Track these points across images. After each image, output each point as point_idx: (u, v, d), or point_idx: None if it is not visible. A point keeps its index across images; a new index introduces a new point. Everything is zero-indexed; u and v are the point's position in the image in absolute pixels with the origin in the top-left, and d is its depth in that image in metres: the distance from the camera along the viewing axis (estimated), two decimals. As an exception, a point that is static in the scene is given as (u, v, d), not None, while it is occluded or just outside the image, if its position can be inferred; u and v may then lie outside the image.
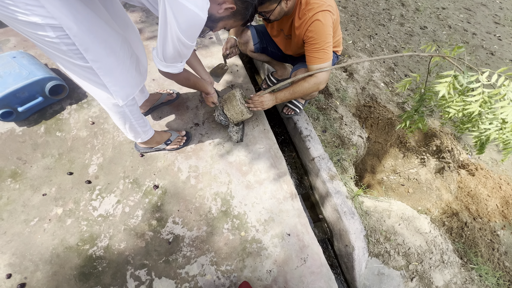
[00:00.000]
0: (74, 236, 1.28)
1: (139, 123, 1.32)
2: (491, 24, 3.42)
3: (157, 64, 1.05)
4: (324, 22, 1.22)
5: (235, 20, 1.04)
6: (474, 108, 0.98)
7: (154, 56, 1.03)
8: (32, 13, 0.73)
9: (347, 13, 3.12)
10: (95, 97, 1.13)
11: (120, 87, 1.08)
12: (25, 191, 1.38)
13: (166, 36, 0.88)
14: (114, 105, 1.14)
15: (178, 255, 1.27)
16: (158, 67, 1.06)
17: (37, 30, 0.78)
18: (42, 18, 0.75)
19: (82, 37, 0.85)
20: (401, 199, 1.81)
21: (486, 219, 1.63)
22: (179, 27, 0.83)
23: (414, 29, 3.08)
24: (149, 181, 1.47)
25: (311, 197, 1.72)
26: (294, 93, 1.42)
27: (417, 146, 1.94)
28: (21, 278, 1.16)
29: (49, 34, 0.79)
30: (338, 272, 1.49)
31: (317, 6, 1.22)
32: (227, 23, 1.04)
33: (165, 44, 0.91)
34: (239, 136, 1.63)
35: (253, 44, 1.69)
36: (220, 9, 0.94)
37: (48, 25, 0.77)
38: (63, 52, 0.86)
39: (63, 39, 0.82)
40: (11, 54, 1.61)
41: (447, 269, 1.38)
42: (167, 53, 0.96)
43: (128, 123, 1.27)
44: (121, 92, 1.10)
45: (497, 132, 0.98)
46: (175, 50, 0.93)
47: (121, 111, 1.19)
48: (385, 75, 2.37)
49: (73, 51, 0.86)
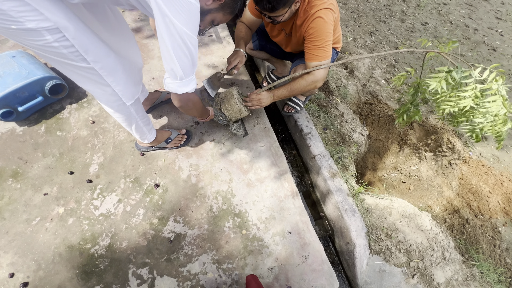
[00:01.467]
0: (75, 235, 1.28)
1: (144, 121, 1.32)
2: (493, 19, 3.39)
3: (177, 89, 0.98)
4: (325, 20, 1.22)
5: (224, 14, 0.99)
6: (467, 102, 1.00)
7: (169, 84, 0.98)
8: (25, 19, 0.71)
9: (348, 9, 3.09)
10: (101, 101, 1.12)
11: (125, 86, 1.07)
12: (27, 190, 1.38)
13: (174, 42, 0.83)
14: (120, 105, 1.13)
15: (179, 253, 1.28)
16: (180, 91, 0.99)
17: (34, 37, 0.76)
18: (36, 22, 0.73)
19: (80, 38, 0.83)
20: (402, 196, 1.80)
21: (487, 215, 1.63)
22: (180, 22, 0.79)
23: (415, 25, 3.06)
24: (150, 180, 1.47)
25: (312, 195, 1.72)
26: (292, 91, 1.42)
27: (418, 143, 1.93)
28: (24, 277, 1.17)
29: (47, 38, 0.77)
30: (339, 270, 1.50)
31: (319, 3, 1.22)
32: (216, 17, 0.99)
33: (177, 53, 0.86)
34: (243, 130, 1.62)
35: (252, 42, 1.68)
36: (208, 1, 0.90)
37: (44, 29, 0.75)
38: (64, 56, 0.85)
39: (62, 42, 0.80)
40: (10, 54, 1.60)
41: (448, 266, 1.38)
42: (183, 62, 0.89)
43: (134, 124, 1.27)
44: (126, 91, 1.09)
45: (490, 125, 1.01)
46: (187, 53, 0.88)
47: (127, 112, 1.18)
48: (386, 72, 2.35)
49: (74, 53, 0.85)
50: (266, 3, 1.13)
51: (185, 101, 1.10)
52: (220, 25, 2.34)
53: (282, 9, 1.17)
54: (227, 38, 2.23)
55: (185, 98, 1.08)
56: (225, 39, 2.22)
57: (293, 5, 1.20)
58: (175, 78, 0.95)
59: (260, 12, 1.22)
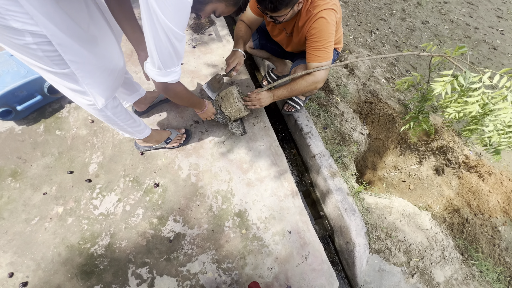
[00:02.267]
0: (75, 235, 1.28)
1: (128, 124, 1.26)
2: (493, 18, 3.38)
3: (154, 76, 0.97)
4: (328, 20, 1.22)
5: (227, 5, 0.94)
6: (473, 108, 0.97)
7: (148, 69, 0.96)
8: (12, 18, 0.68)
9: (348, 8, 3.08)
10: (76, 102, 1.07)
11: (101, 89, 1.01)
12: (26, 190, 1.38)
13: (156, 34, 0.80)
14: (94, 109, 1.08)
15: (179, 253, 1.27)
16: (157, 79, 0.97)
17: (15, 35, 0.72)
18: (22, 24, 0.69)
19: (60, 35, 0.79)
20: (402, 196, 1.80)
21: (487, 215, 1.63)
22: (165, 15, 0.75)
23: (415, 24, 3.05)
24: (149, 179, 1.46)
25: (312, 194, 1.72)
26: (292, 91, 1.41)
27: (418, 142, 1.93)
28: (23, 276, 1.17)
29: (27, 39, 0.73)
30: (339, 269, 1.50)
31: (322, 4, 1.21)
32: (217, 7, 0.94)
33: (158, 44, 0.84)
34: (241, 129, 1.62)
35: (252, 41, 1.67)
36: None
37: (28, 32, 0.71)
38: (39, 59, 0.81)
39: (41, 46, 0.76)
40: (8, 52, 1.59)
41: (448, 265, 1.38)
42: (163, 55, 0.87)
43: (115, 126, 1.23)
44: (100, 95, 1.02)
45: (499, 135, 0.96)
46: (169, 47, 0.86)
47: (104, 115, 1.13)
48: (386, 71, 2.35)
49: (50, 57, 0.81)
50: (268, 2, 1.12)
51: (164, 89, 1.07)
52: (220, 23, 2.32)
53: (284, 9, 1.15)
54: (226, 36, 2.22)
55: (164, 86, 1.04)
56: (224, 38, 2.21)
57: (295, 6, 1.19)
58: (153, 65, 0.93)
59: (262, 11, 1.21)
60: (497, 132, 0.96)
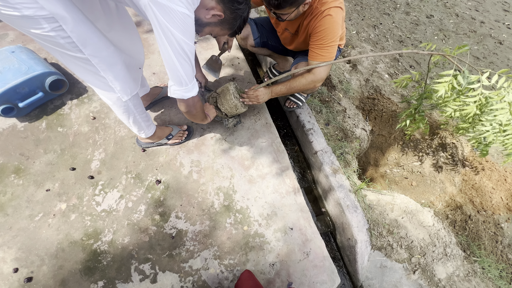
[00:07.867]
0: (78, 231, 1.29)
1: (142, 117, 1.32)
2: (500, 12, 3.31)
3: (183, 95, 1.02)
4: (335, 19, 1.19)
5: (222, 29, 1.03)
6: (471, 109, 0.96)
7: (175, 91, 1.01)
8: (22, 6, 0.72)
9: (351, 2, 3.03)
10: (99, 93, 1.12)
11: (123, 81, 1.07)
12: (29, 186, 1.38)
13: (176, 52, 0.87)
14: (118, 99, 1.13)
15: (181, 249, 1.28)
16: (186, 96, 1.03)
17: (33, 25, 0.77)
18: (33, 10, 0.73)
19: (78, 30, 0.83)
20: (405, 192, 1.80)
21: (490, 212, 1.62)
22: (179, 31, 0.83)
23: (420, 18, 3.00)
24: (151, 176, 1.47)
25: (314, 191, 1.72)
26: (291, 88, 1.39)
27: (421, 139, 1.91)
28: (28, 272, 1.18)
29: (44, 27, 0.78)
30: (341, 265, 1.50)
31: (331, 1, 1.19)
32: (214, 30, 1.03)
33: (179, 60, 0.89)
34: (235, 122, 1.61)
35: (253, 39, 1.65)
36: (208, 14, 0.93)
37: (41, 18, 0.76)
38: (62, 46, 0.85)
39: (59, 32, 0.80)
40: (9, 49, 1.59)
41: (450, 262, 1.38)
42: (186, 69, 0.94)
43: (132, 117, 1.27)
44: (124, 87, 1.09)
45: (494, 135, 0.96)
46: (187, 60, 0.92)
47: (125, 105, 1.18)
48: (389, 66, 2.32)
49: (71, 44, 0.85)
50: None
51: (192, 106, 1.13)
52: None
53: (289, 8, 1.13)
54: (228, 32, 2.20)
55: (191, 103, 1.11)
56: (226, 33, 2.19)
57: (301, 6, 1.16)
58: (180, 84, 0.99)
59: (266, 6, 1.19)
60: (493, 132, 0.95)
